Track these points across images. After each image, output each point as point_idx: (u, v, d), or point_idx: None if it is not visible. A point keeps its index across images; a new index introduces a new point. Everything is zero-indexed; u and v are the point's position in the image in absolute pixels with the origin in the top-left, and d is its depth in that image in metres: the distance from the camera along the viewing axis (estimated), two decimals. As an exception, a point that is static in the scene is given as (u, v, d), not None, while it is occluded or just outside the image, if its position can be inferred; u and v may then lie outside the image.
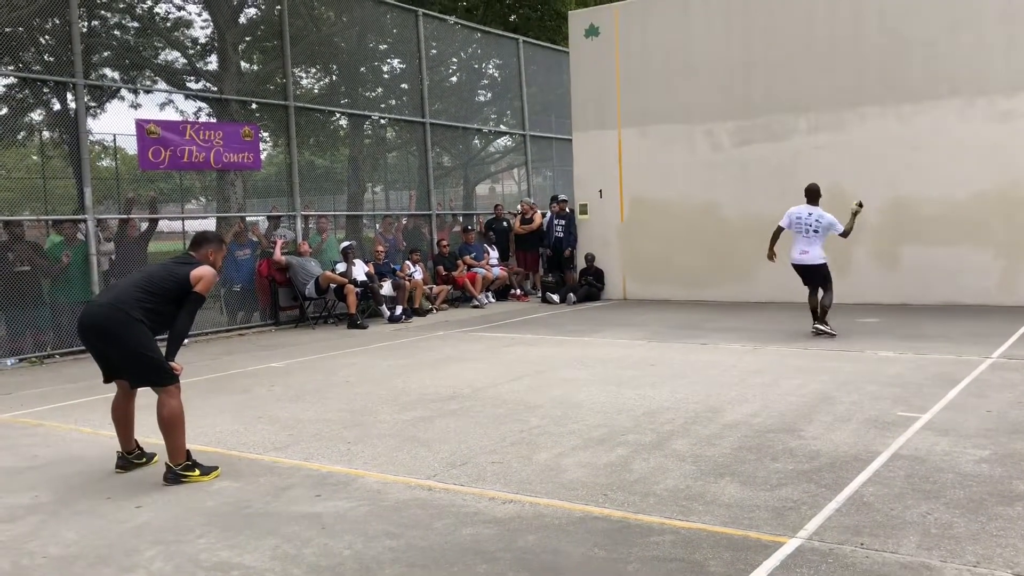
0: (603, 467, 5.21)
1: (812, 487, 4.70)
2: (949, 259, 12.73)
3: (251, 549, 4.08)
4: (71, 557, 4.07)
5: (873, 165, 13.29)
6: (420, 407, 7.04)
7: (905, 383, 7.31)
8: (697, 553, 3.86)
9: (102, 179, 15.46)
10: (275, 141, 15.30)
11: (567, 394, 7.35)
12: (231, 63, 14.03)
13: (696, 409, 6.63)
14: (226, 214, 13.49)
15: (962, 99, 12.62)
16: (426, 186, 16.55)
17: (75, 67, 10.93)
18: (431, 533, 4.21)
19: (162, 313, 5.26)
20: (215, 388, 8.26)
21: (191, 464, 5.25)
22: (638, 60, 15.36)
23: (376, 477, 5.17)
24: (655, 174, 15.25)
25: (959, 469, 4.92)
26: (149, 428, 5.73)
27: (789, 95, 13.94)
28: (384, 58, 17.85)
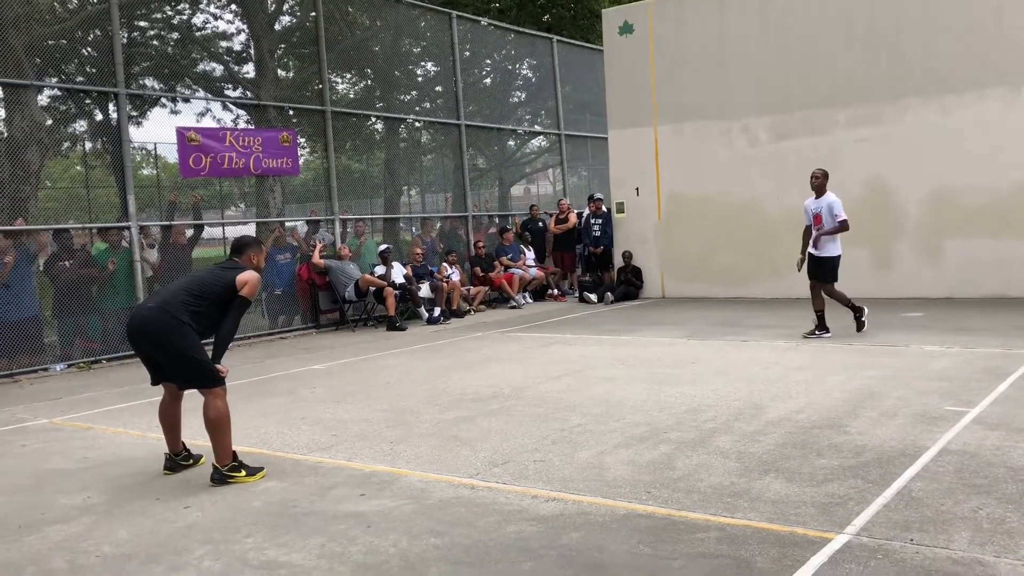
0: (646, 465, 5.19)
1: (859, 482, 4.64)
2: (994, 251, 12.50)
3: (298, 548, 4.13)
4: (124, 556, 4.15)
5: (915, 157, 13.08)
6: (461, 407, 7.07)
7: (952, 377, 7.19)
8: (743, 549, 3.83)
9: (143, 187, 15.73)
10: (312, 146, 15.46)
11: (607, 392, 7.33)
12: (268, 70, 14.20)
13: (738, 406, 6.58)
14: (266, 219, 13.65)
15: (1007, 87, 12.38)
16: (462, 188, 16.61)
17: (116, 77, 11.13)
18: (475, 531, 4.23)
19: (209, 316, 5.34)
20: (258, 391, 8.36)
21: (237, 465, 5.32)
22: (673, 56, 15.28)
23: (419, 476, 5.21)
24: (692, 171, 15.16)
25: (1011, 463, 4.82)
26: (196, 430, 5.81)
27: (827, 88, 13.78)
28: (418, 61, 17.95)
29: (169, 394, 5.58)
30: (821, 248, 9.76)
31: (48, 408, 8.07)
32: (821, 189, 9.88)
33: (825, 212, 9.75)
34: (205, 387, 5.28)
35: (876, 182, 13.45)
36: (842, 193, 13.75)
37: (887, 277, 13.38)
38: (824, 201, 9.80)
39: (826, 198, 9.81)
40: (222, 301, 5.36)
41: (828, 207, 9.75)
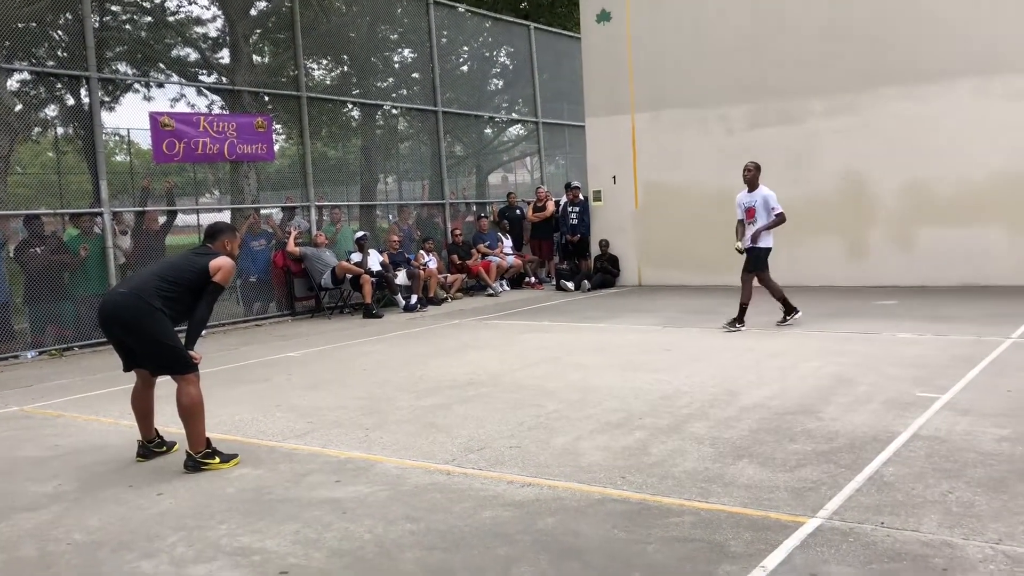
0: (621, 450, 5.21)
1: (831, 467, 4.68)
2: (967, 240, 12.64)
3: (272, 534, 4.11)
4: (95, 543, 4.11)
5: (889, 147, 13.19)
6: (437, 394, 7.06)
7: (924, 364, 7.27)
8: (717, 533, 3.86)
9: (116, 173, 15.54)
10: (288, 133, 15.33)
11: (583, 379, 7.35)
12: (243, 55, 14.05)
13: (713, 392, 6.62)
14: (240, 205, 13.53)
15: (978, 77, 12.50)
16: (439, 175, 16.55)
17: (88, 61, 10.97)
18: (450, 516, 4.23)
19: (182, 302, 5.29)
20: (233, 378, 8.30)
21: (211, 452, 5.29)
22: (650, 44, 15.29)
23: (395, 462, 5.20)
24: (669, 159, 15.20)
25: (980, 448, 4.89)
26: (169, 417, 5.77)
27: (804, 77, 13.85)
28: (395, 48, 17.83)
29: (141, 380, 5.52)
30: (758, 239, 9.73)
31: (19, 396, 7.97)
32: (754, 183, 9.84)
33: (760, 205, 9.70)
34: (178, 373, 5.23)
35: (851, 171, 13.55)
36: (817, 182, 13.92)
37: (861, 266, 13.50)
38: (758, 195, 9.76)
39: (760, 191, 9.78)
40: (195, 287, 5.31)
41: (763, 200, 9.70)
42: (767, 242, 9.80)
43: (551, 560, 3.66)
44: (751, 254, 9.81)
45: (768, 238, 9.80)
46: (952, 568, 3.39)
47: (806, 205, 13.90)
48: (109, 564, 3.86)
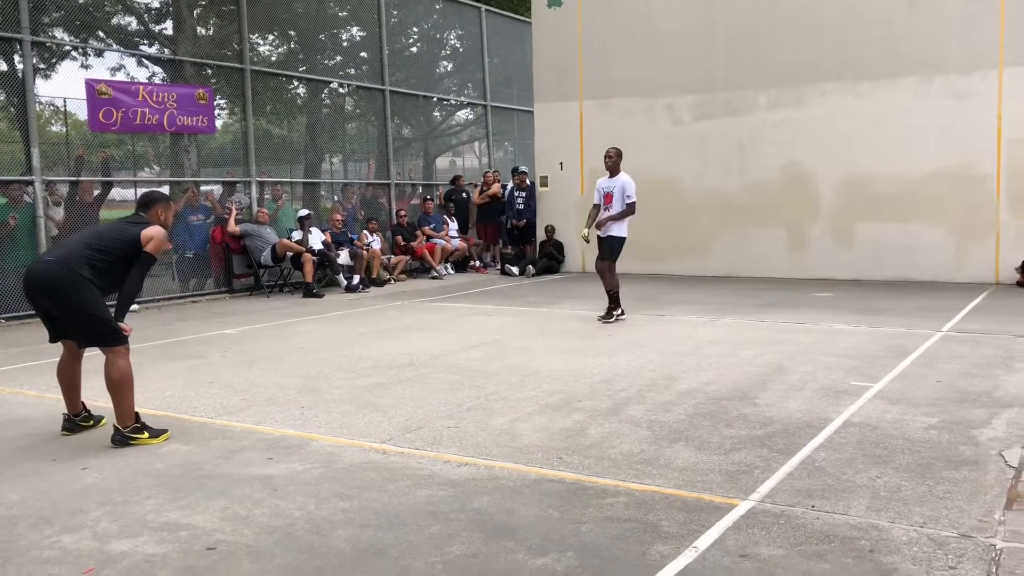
0: (559, 432, 5.21)
1: (765, 452, 4.74)
2: (903, 236, 12.93)
3: (201, 510, 4.01)
4: (13, 518, 3.97)
5: (831, 142, 13.41)
6: (376, 374, 6.98)
7: (858, 354, 7.41)
8: (651, 514, 3.87)
9: (51, 144, 15.05)
10: (231, 108, 15.00)
11: (524, 362, 7.34)
12: (186, 27, 13.69)
13: (652, 377, 6.66)
14: (180, 179, 13.20)
15: (919, 77, 12.77)
16: (385, 155, 16.37)
17: (21, 24, 10.57)
18: (384, 495, 4.17)
19: (111, 273, 5.12)
20: (167, 354, 8.11)
21: (140, 427, 5.15)
22: (600, 32, 15.30)
23: (330, 441, 5.12)
24: (615, 147, 15.20)
25: (908, 435, 4.99)
26: (98, 390, 5.60)
27: (750, 70, 13.99)
28: (343, 25, 17.55)
29: (68, 352, 5.35)
30: (611, 228, 9.53)
31: (-61, 367, 7.68)
32: (615, 169, 9.65)
33: (617, 192, 9.50)
34: (107, 346, 5.08)
35: (793, 165, 13.75)
36: (760, 174, 14.11)
37: (801, 258, 13.73)
38: (618, 181, 9.57)
39: (620, 178, 9.58)
40: (126, 257, 5.15)
41: (621, 188, 9.50)
42: (623, 231, 9.59)
43: (485, 538, 3.64)
44: (608, 243, 9.57)
45: (623, 227, 9.58)
46: (878, 550, 3.45)
47: (749, 197, 14.10)
48: (27, 539, 3.72)
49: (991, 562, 3.33)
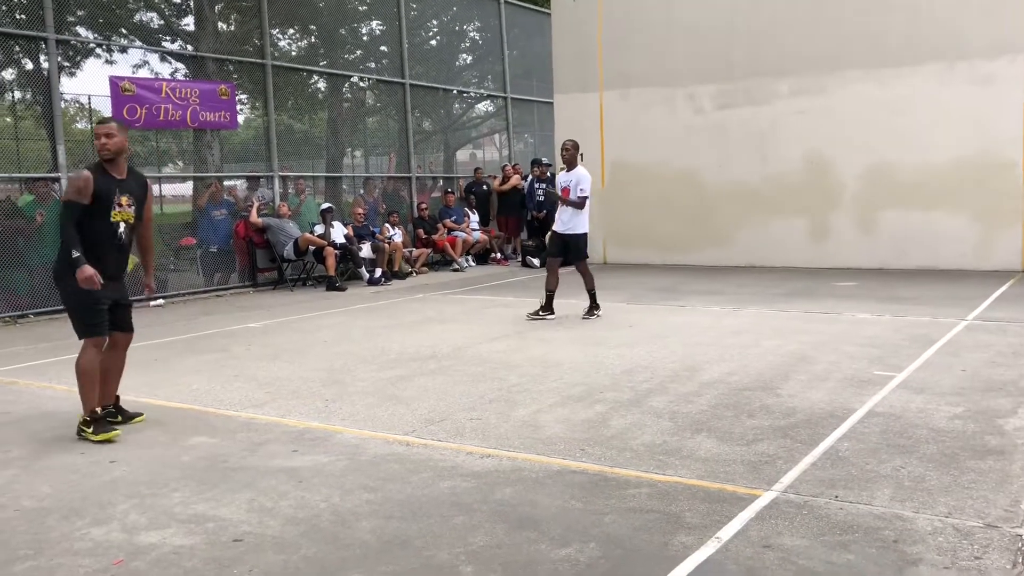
0: (581, 423, 5.22)
1: (788, 442, 4.73)
2: (927, 224, 12.80)
3: (227, 502, 4.06)
4: (44, 510, 4.04)
5: (853, 130, 13.29)
6: (399, 366, 7.02)
7: (882, 344, 7.36)
8: (673, 505, 3.88)
9: (77, 141, 15.22)
10: (252, 103, 15.09)
11: (546, 354, 7.35)
12: (208, 23, 13.78)
13: (674, 368, 6.65)
14: (204, 175, 13.31)
15: (943, 63, 12.62)
16: (406, 149, 16.41)
17: (46, 22, 10.69)
18: (408, 487, 4.21)
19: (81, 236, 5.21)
20: (192, 348, 8.20)
21: (88, 421, 5.19)
22: (621, 22, 15.23)
23: (354, 433, 5.16)
24: (635, 138, 15.19)
25: (933, 425, 4.96)
26: (131, 387, 5.68)
27: (771, 59, 13.89)
28: (364, 20, 17.59)
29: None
30: (566, 224, 9.23)
31: (-30, 362, 7.81)
32: (572, 162, 9.32)
33: (573, 186, 9.19)
34: (78, 337, 5.26)
35: (815, 154, 13.65)
36: (781, 163, 14.01)
37: (824, 247, 13.64)
38: (574, 175, 9.24)
39: (576, 172, 9.25)
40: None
41: (576, 181, 9.19)
42: (581, 227, 9.25)
43: (508, 529, 3.66)
44: (566, 243, 9.28)
45: (582, 222, 9.24)
46: (902, 540, 3.44)
47: (770, 186, 14.02)
48: (58, 530, 3.79)
49: (1017, 552, 3.31)
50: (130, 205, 5.34)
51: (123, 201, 5.29)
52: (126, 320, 5.54)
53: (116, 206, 5.25)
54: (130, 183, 5.37)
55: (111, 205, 5.23)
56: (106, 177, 5.25)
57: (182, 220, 14.72)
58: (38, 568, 3.42)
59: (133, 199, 5.37)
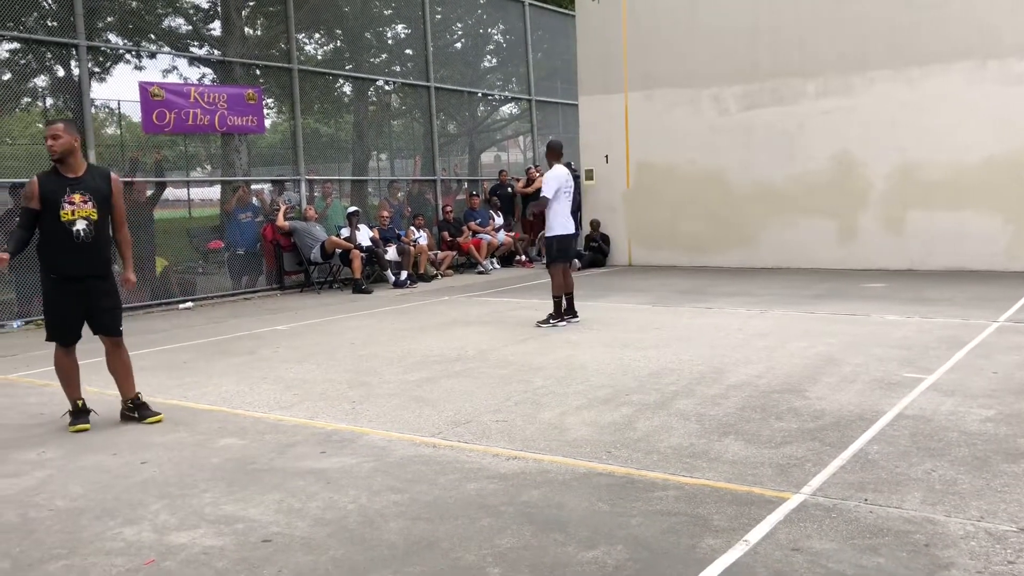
0: (607, 425, 5.21)
1: (817, 445, 4.70)
2: (956, 224, 12.66)
3: (256, 503, 4.10)
4: (77, 510, 4.10)
5: (881, 130, 13.17)
6: (425, 368, 7.05)
7: (911, 345, 7.28)
8: (701, 508, 3.87)
9: (107, 146, 15.42)
10: (279, 107, 15.22)
11: (571, 356, 7.35)
12: (235, 28, 13.91)
13: (700, 370, 6.62)
14: (231, 179, 13.43)
15: (973, 62, 12.47)
16: (431, 152, 16.47)
17: (77, 30, 10.84)
18: (435, 488, 4.22)
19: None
20: (220, 350, 8.27)
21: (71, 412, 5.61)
22: (645, 23, 15.20)
23: (381, 434, 5.19)
24: (661, 139, 15.15)
25: (964, 428, 4.90)
26: (162, 388, 5.74)
27: (797, 59, 13.80)
28: (389, 23, 17.68)
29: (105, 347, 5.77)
30: (547, 227, 9.10)
31: (4, 364, 7.94)
32: (550, 163, 9.09)
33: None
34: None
35: (842, 154, 13.54)
36: (808, 164, 13.92)
37: (852, 248, 13.52)
38: (547, 175, 9.01)
39: (549, 171, 9.00)
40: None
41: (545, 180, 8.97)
42: (556, 229, 9.00)
43: (535, 531, 3.66)
44: (547, 245, 9.18)
45: (559, 224, 8.97)
46: (934, 544, 3.41)
47: (797, 187, 13.93)
48: (91, 530, 3.84)
49: (1051, 557, 3.27)
50: (85, 201, 5.37)
51: (75, 199, 5.34)
52: (104, 325, 5.64)
53: (65, 204, 5.31)
54: (86, 180, 5.42)
55: (59, 205, 5.31)
56: (54, 178, 5.37)
57: (210, 224, 14.87)
58: (72, 567, 3.47)
59: (90, 195, 5.39)
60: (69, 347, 5.59)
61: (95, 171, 5.54)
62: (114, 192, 5.56)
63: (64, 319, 5.48)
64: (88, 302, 5.50)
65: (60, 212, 5.31)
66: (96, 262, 5.50)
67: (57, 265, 5.39)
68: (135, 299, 11.18)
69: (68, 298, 5.43)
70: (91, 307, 5.52)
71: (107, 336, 5.66)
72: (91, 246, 5.43)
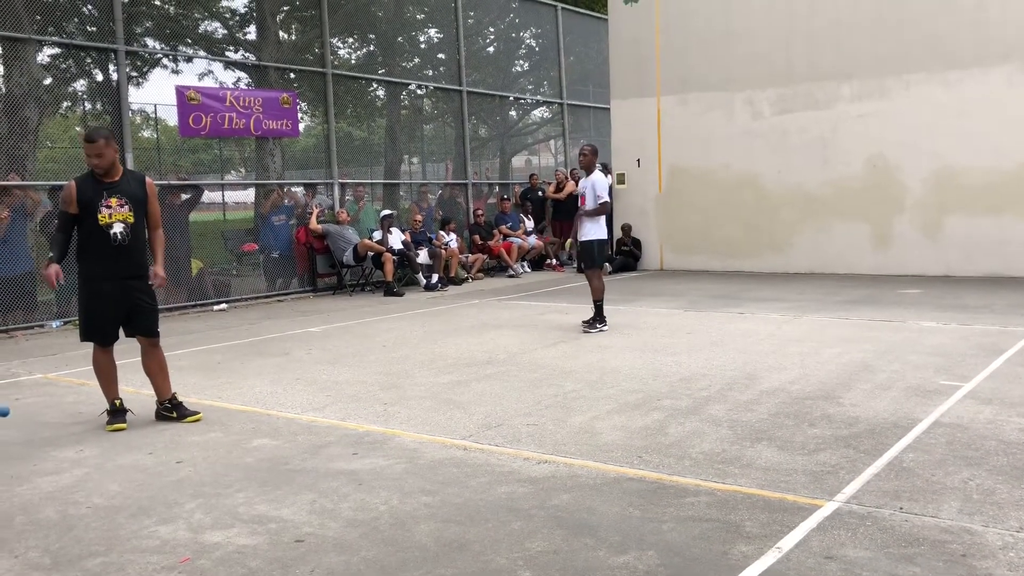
0: (638, 430, 5.19)
1: (851, 452, 4.65)
2: (996, 230, 12.47)
3: (289, 503, 4.14)
4: (114, 508, 4.16)
5: (917, 134, 13.01)
6: (456, 371, 7.07)
7: (948, 353, 7.19)
8: (733, 514, 3.84)
9: (143, 149, 15.64)
10: (313, 111, 15.35)
11: (602, 360, 7.33)
12: (270, 33, 14.06)
13: (733, 376, 6.58)
14: (265, 182, 13.57)
15: (1012, 65, 12.28)
16: (463, 156, 16.52)
17: (116, 35, 11.02)
18: (466, 491, 4.23)
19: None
20: (255, 351, 8.36)
21: (108, 411, 5.70)
22: (678, 26, 15.15)
23: (412, 437, 5.21)
24: (694, 143, 15.08)
25: (1002, 437, 4.83)
26: (197, 389, 5.81)
27: (832, 62, 13.67)
28: (421, 28, 17.78)
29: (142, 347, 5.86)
30: (584, 232, 8.95)
31: (43, 363, 8.08)
32: (590, 167, 8.96)
33: (589, 192, 8.86)
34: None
35: (878, 158, 13.39)
36: (843, 168, 13.79)
37: (887, 254, 13.37)
38: (590, 181, 8.91)
39: (592, 177, 8.90)
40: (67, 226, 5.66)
41: (592, 186, 8.84)
42: (598, 233, 8.93)
43: (565, 536, 3.66)
44: (587, 249, 9.02)
45: (599, 229, 8.92)
46: (971, 554, 3.36)
47: (832, 191, 13.80)
48: (127, 528, 3.90)
49: (1092, 569, 3.21)
50: (122, 205, 5.50)
51: (112, 202, 5.47)
52: (143, 326, 5.74)
53: (103, 208, 5.45)
54: (122, 185, 5.56)
55: (96, 209, 5.44)
56: (92, 183, 5.50)
57: (244, 226, 15.02)
58: (109, 564, 3.52)
59: (127, 199, 5.52)
60: (107, 347, 5.67)
61: (130, 175, 5.68)
62: (149, 196, 5.69)
63: (101, 320, 5.58)
64: (127, 303, 5.60)
65: (98, 216, 5.44)
66: (133, 264, 5.62)
67: (96, 267, 5.52)
68: (171, 300, 11.33)
69: (105, 299, 5.53)
70: (130, 308, 5.62)
71: (145, 337, 5.75)
72: (128, 248, 5.55)
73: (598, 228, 8.99)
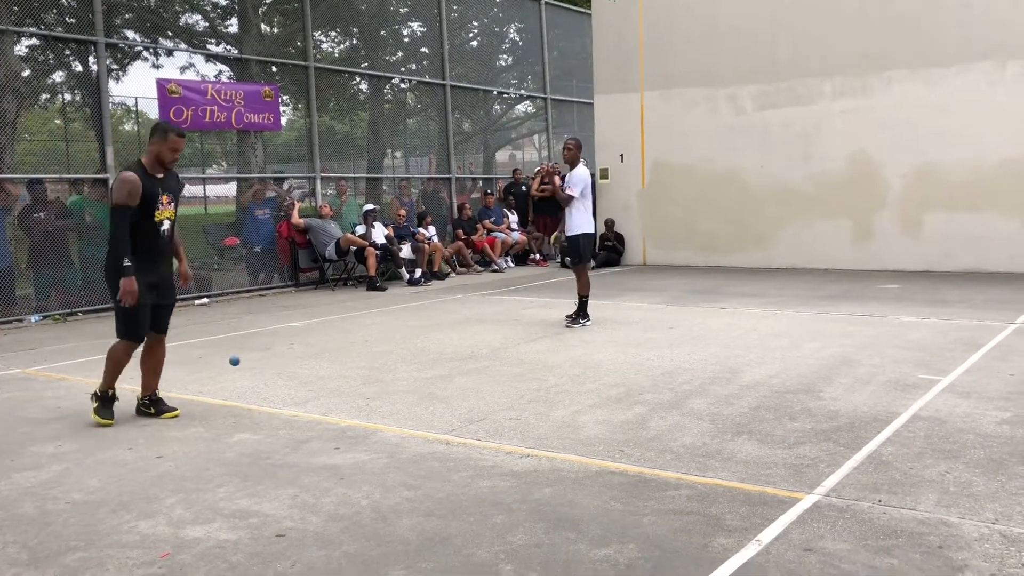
0: (620, 424, 5.21)
1: (830, 446, 4.68)
2: (976, 226, 12.58)
3: (270, 498, 4.13)
4: (94, 503, 4.13)
5: (899, 130, 13.10)
6: (439, 366, 7.07)
7: (927, 347, 7.25)
8: (713, 507, 3.87)
9: (124, 143, 15.53)
10: (295, 104, 15.28)
11: (585, 355, 7.35)
12: (251, 26, 13.98)
13: (714, 370, 6.61)
14: (247, 176, 13.50)
15: (992, 62, 12.39)
16: (446, 150, 16.49)
17: (96, 27, 10.92)
18: (448, 485, 4.24)
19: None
20: (236, 346, 8.31)
21: (96, 395, 5.59)
22: (662, 22, 15.18)
23: (394, 431, 5.21)
24: (677, 138, 15.12)
25: (979, 430, 4.88)
26: (177, 383, 5.78)
27: (815, 58, 13.74)
28: (405, 21, 17.72)
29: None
30: (571, 226, 8.92)
31: (22, 358, 8.01)
32: (574, 161, 8.90)
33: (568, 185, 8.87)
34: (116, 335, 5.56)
35: (859, 154, 13.47)
36: (825, 164, 13.87)
37: (868, 249, 13.46)
38: (572, 174, 8.87)
39: (574, 171, 8.86)
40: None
41: (569, 179, 8.85)
42: (581, 228, 8.88)
43: (547, 529, 3.67)
44: (572, 243, 9.05)
45: (582, 223, 8.88)
46: (947, 546, 3.39)
47: (813, 187, 13.88)
48: (107, 523, 3.88)
49: (1066, 560, 3.25)
50: (170, 203, 5.51)
51: (164, 200, 5.46)
52: (163, 322, 5.69)
53: (160, 205, 5.41)
54: (168, 181, 5.53)
55: (156, 205, 5.38)
56: (149, 178, 5.40)
57: (226, 220, 14.95)
58: (88, 559, 3.50)
59: (172, 197, 5.54)
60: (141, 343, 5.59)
61: (170, 173, 5.60)
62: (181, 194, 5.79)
63: (145, 316, 5.48)
64: (158, 299, 5.56)
65: (155, 212, 5.38)
66: (170, 261, 5.68)
67: (146, 263, 5.39)
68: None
69: (147, 297, 5.45)
70: (159, 304, 5.58)
71: (162, 332, 5.72)
72: (169, 245, 5.60)
73: (584, 222, 8.96)
